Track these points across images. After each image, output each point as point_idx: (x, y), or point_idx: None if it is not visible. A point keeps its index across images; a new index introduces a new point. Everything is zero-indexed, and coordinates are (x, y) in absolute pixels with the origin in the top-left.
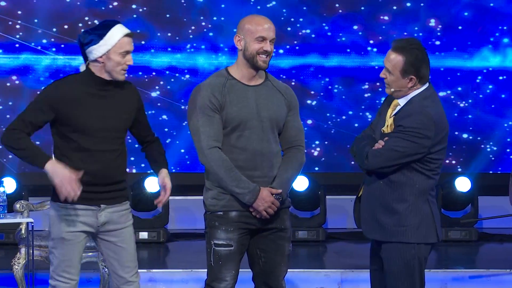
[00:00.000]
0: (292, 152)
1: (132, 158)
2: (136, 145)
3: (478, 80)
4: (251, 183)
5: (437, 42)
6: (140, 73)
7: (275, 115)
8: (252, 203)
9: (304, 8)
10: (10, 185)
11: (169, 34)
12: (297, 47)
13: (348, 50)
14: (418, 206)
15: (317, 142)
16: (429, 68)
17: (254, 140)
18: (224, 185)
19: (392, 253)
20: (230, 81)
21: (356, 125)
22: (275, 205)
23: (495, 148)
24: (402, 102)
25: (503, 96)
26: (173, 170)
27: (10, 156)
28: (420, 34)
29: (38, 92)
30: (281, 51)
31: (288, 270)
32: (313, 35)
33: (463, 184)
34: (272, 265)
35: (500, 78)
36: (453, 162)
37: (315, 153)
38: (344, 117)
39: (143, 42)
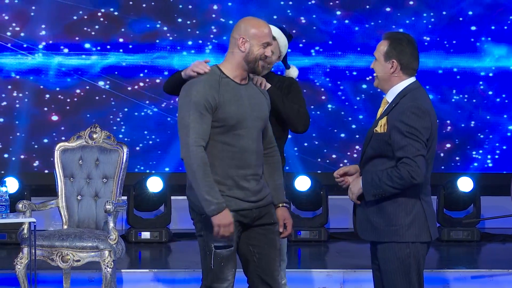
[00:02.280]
0: (275, 155)
1: (139, 160)
2: (138, 147)
3: (481, 80)
4: (221, 197)
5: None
6: (143, 73)
7: (264, 114)
8: (214, 215)
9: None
10: (12, 185)
11: (175, 35)
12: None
13: (359, 49)
14: (409, 206)
15: (316, 142)
16: (415, 60)
17: (249, 139)
18: (195, 186)
19: (387, 253)
20: (224, 79)
21: (353, 126)
22: (229, 229)
23: (497, 148)
24: (389, 97)
25: None
26: (177, 170)
27: (19, 157)
28: (439, 37)
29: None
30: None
31: (290, 270)
32: (321, 32)
33: (465, 184)
34: (267, 260)
35: (491, 75)
36: (457, 159)
37: (318, 153)
38: (348, 117)
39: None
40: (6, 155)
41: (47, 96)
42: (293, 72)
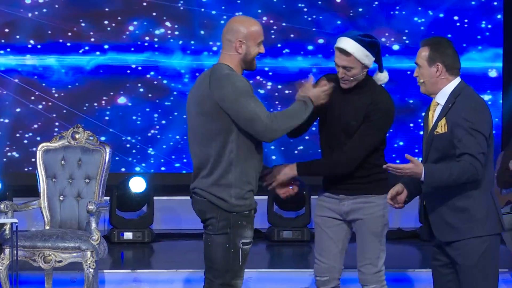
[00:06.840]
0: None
1: (117, 158)
2: (128, 145)
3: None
4: (301, 99)
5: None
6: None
7: None
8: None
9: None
10: None
11: (176, 33)
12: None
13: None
14: (483, 200)
15: (301, 147)
16: (457, 60)
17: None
18: (297, 122)
19: (466, 248)
20: None
21: None
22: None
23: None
24: (440, 100)
25: None
26: (159, 170)
27: (1, 158)
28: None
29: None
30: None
31: (272, 270)
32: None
33: None
34: None
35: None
36: None
37: (299, 153)
38: None
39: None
40: None
41: (37, 94)
42: (381, 77)
